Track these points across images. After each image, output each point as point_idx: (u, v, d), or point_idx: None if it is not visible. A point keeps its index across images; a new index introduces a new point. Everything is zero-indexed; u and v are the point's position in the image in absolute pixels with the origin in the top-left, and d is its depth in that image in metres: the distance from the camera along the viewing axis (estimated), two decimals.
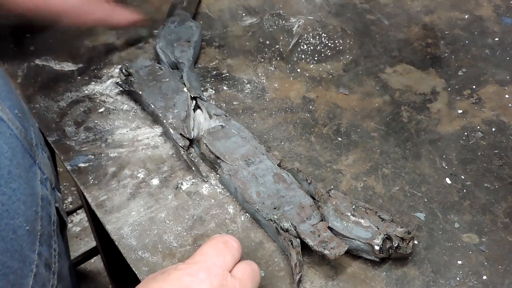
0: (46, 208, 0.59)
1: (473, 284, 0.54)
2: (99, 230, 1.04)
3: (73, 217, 1.65)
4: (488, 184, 0.64)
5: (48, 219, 0.59)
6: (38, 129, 0.66)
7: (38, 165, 0.60)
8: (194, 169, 0.64)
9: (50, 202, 0.61)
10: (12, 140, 0.54)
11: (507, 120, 0.72)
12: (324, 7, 0.90)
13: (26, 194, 0.54)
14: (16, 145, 0.55)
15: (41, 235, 0.56)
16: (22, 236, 0.52)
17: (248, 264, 0.49)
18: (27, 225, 0.53)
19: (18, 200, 0.53)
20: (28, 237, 0.53)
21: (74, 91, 0.74)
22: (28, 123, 0.62)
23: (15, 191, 0.52)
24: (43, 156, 0.63)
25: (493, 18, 0.88)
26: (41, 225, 0.57)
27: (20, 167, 0.55)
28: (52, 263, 0.58)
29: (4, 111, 0.55)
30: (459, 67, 0.80)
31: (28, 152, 0.58)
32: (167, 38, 0.79)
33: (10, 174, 0.52)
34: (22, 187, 0.54)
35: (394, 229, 0.55)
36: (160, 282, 0.45)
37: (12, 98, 0.59)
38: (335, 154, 0.67)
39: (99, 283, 1.49)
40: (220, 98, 0.74)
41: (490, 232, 0.59)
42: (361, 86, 0.77)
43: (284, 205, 0.58)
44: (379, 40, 0.84)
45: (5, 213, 0.50)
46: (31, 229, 0.54)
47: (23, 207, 0.53)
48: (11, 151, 0.53)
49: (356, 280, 0.55)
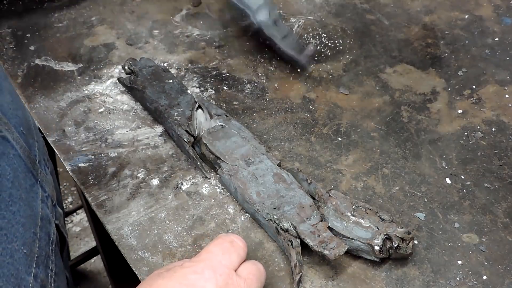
0: (45, 227, 0.59)
1: (473, 284, 0.54)
2: (99, 230, 1.04)
3: (73, 217, 1.65)
4: (488, 184, 0.64)
5: (46, 239, 0.59)
6: (43, 143, 0.66)
7: (39, 183, 0.60)
8: (198, 164, 0.64)
9: (50, 221, 0.61)
10: (15, 161, 0.54)
11: (507, 120, 0.72)
12: (324, 7, 0.90)
13: (25, 216, 0.54)
14: (18, 165, 0.55)
15: (38, 256, 0.56)
16: (19, 259, 0.52)
17: (254, 264, 0.48)
18: (24, 248, 0.53)
19: (17, 223, 0.52)
20: (25, 260, 0.53)
21: (74, 91, 0.74)
22: (33, 138, 0.62)
23: (14, 214, 0.52)
24: (45, 173, 0.63)
25: (493, 18, 0.88)
26: (39, 246, 0.57)
27: (21, 188, 0.54)
28: (48, 284, 0.58)
29: (10, 130, 0.55)
30: (459, 67, 0.80)
31: (30, 171, 0.58)
32: None
33: (11, 197, 0.52)
34: (22, 209, 0.54)
35: (394, 229, 0.55)
36: (165, 279, 0.44)
37: (18, 115, 0.59)
38: (335, 154, 0.67)
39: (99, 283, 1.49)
40: (220, 98, 0.74)
41: (490, 232, 0.59)
42: (361, 86, 0.77)
43: (284, 205, 0.57)
44: (379, 40, 0.84)
45: (3, 238, 0.49)
46: (28, 251, 0.54)
47: (21, 230, 0.53)
48: (13, 173, 0.53)
49: (356, 280, 0.55)
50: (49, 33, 0.83)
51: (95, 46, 0.82)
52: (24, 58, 0.78)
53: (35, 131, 0.64)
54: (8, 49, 0.80)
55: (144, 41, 0.83)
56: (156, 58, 0.80)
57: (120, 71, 0.77)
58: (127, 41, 0.83)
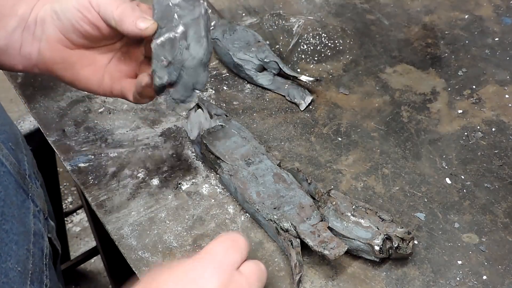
0: (38, 243, 0.59)
1: (473, 284, 0.54)
2: (99, 230, 1.04)
3: (73, 217, 1.65)
4: (488, 184, 0.64)
5: (40, 255, 0.59)
6: (31, 155, 0.64)
7: (31, 198, 0.59)
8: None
9: (43, 235, 0.60)
10: (5, 178, 0.53)
11: (507, 120, 0.72)
12: (324, 7, 0.90)
13: (18, 233, 0.54)
14: (9, 182, 0.54)
15: (32, 273, 0.56)
16: (13, 278, 0.51)
17: (256, 263, 0.48)
18: (18, 266, 0.52)
19: (10, 241, 0.52)
20: (19, 278, 0.52)
21: (74, 91, 0.74)
22: (22, 153, 0.61)
23: (7, 232, 0.51)
24: (36, 187, 0.62)
25: (493, 18, 0.88)
26: (33, 262, 0.56)
27: (13, 205, 0.54)
28: None
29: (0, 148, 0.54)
30: (459, 67, 0.80)
31: (21, 187, 0.57)
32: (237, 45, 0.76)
33: (3, 216, 0.51)
34: (15, 226, 0.53)
35: (394, 229, 0.55)
36: (166, 275, 0.44)
37: (6, 130, 0.58)
38: (335, 154, 0.67)
39: (99, 283, 1.49)
40: (220, 98, 0.74)
41: (490, 232, 0.59)
42: (361, 86, 0.77)
43: (284, 205, 0.57)
44: (379, 40, 0.84)
45: None
46: (22, 269, 0.53)
47: (15, 248, 0.52)
48: (4, 191, 0.52)
49: (356, 280, 0.55)
50: None
51: None
52: None
53: (23, 145, 0.62)
54: None
55: None
56: None
57: None
58: None
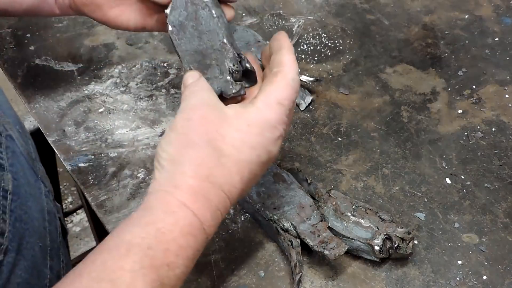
0: (52, 221, 0.60)
1: (473, 284, 0.54)
2: (99, 230, 1.04)
3: (73, 217, 1.65)
4: (488, 184, 0.64)
5: (55, 232, 0.60)
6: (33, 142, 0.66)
7: (40, 179, 0.60)
8: None
9: (55, 214, 0.62)
10: (21, 159, 0.55)
11: (507, 120, 0.72)
12: (324, 7, 0.90)
13: (36, 210, 0.55)
14: (24, 162, 0.56)
15: (51, 249, 0.57)
16: (36, 252, 0.53)
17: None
18: (40, 242, 0.54)
19: (33, 218, 0.53)
20: (40, 253, 0.54)
21: (74, 91, 0.74)
22: (27, 137, 0.62)
23: (31, 209, 0.53)
24: (42, 170, 0.63)
25: (493, 18, 0.88)
26: (50, 239, 0.58)
27: (29, 184, 0.55)
28: (62, 274, 0.59)
29: (12, 129, 0.56)
30: (459, 67, 0.80)
31: (31, 168, 0.58)
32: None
33: (26, 193, 0.53)
34: (34, 204, 0.54)
35: (394, 229, 0.55)
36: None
37: (12, 114, 0.60)
38: (335, 154, 0.67)
39: None
40: None
41: (490, 232, 0.59)
42: (361, 86, 0.77)
43: (284, 205, 0.57)
44: (379, 40, 0.84)
45: (26, 232, 0.50)
46: (43, 245, 0.55)
47: (36, 224, 0.54)
48: (22, 170, 0.54)
49: (356, 280, 0.55)
50: (49, 33, 0.83)
51: (95, 46, 0.81)
52: (24, 58, 0.78)
53: (26, 131, 0.65)
54: (8, 49, 0.80)
55: (144, 41, 0.83)
56: (156, 58, 0.80)
57: (120, 71, 0.77)
58: (127, 41, 0.83)
